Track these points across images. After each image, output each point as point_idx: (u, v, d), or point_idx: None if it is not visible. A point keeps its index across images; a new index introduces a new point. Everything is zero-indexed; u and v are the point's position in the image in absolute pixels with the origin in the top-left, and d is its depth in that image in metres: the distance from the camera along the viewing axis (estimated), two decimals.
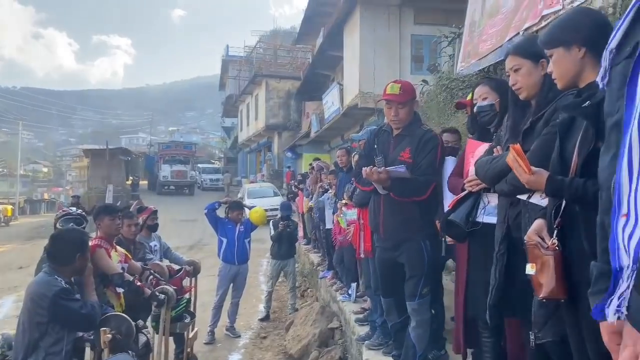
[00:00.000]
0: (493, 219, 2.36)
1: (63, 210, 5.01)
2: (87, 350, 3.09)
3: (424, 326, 3.23)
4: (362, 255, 4.30)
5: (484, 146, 2.53)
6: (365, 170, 3.06)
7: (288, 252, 7.80)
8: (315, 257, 8.82)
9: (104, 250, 3.78)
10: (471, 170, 2.54)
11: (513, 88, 2.16)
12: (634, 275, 1.11)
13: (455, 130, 4.01)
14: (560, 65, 1.72)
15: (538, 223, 1.75)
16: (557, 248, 1.61)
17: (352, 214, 4.88)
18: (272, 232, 7.80)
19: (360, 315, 4.88)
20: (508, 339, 2.54)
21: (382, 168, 3.06)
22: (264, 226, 8.09)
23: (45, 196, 58.40)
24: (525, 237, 1.75)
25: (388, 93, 3.23)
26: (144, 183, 32.78)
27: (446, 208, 2.89)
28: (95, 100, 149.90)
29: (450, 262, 5.41)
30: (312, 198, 8.25)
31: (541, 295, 1.63)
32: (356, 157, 3.15)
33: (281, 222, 7.72)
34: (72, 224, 4.25)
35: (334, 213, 6.06)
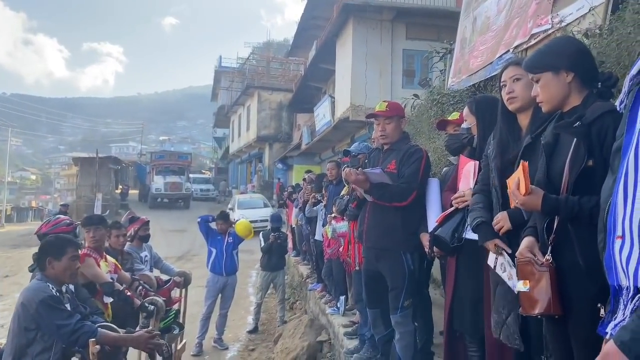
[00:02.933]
0: (476, 236, 2.39)
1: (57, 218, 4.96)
2: None
3: (407, 338, 3.27)
4: (357, 268, 4.32)
5: (472, 164, 2.58)
6: (345, 170, 3.22)
7: (278, 264, 7.79)
8: (304, 269, 8.79)
9: (93, 260, 3.78)
10: (461, 186, 2.58)
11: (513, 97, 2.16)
12: (638, 303, 1.15)
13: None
14: (549, 88, 1.76)
15: (529, 240, 1.76)
16: (551, 264, 1.63)
17: (342, 226, 4.90)
18: (262, 244, 7.80)
19: (349, 329, 4.87)
20: (488, 355, 2.53)
21: (360, 169, 3.24)
22: (254, 237, 8.08)
23: (33, 204, 57.65)
24: (517, 254, 1.77)
25: (376, 110, 3.39)
26: (134, 192, 32.28)
27: (431, 225, 2.96)
28: (86, 108, 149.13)
29: (437, 276, 5.43)
30: (301, 210, 8.23)
31: (536, 312, 1.64)
32: (347, 170, 3.27)
33: (272, 234, 7.73)
34: None
35: (324, 225, 6.07)
